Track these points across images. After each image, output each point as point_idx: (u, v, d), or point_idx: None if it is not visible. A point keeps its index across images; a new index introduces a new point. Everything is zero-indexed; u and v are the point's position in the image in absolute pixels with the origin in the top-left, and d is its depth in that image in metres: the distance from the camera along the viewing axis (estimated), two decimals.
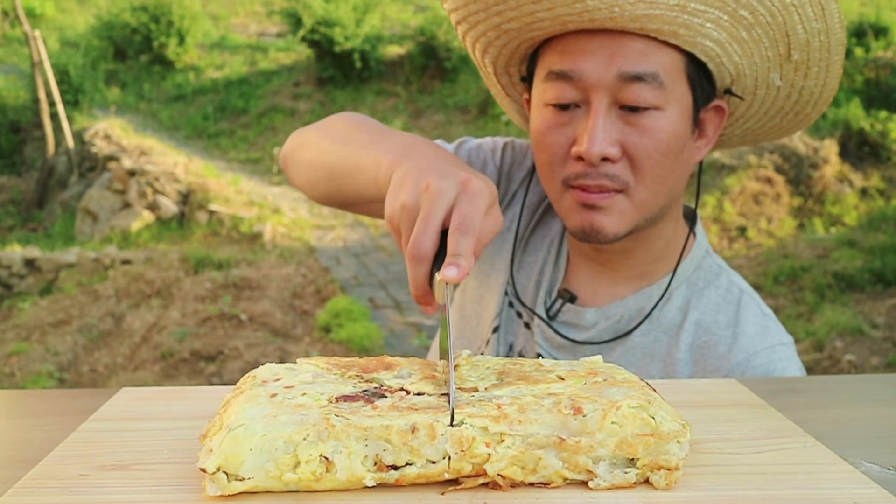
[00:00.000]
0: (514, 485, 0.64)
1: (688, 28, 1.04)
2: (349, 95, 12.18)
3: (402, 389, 0.71)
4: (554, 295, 1.25)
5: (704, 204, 8.92)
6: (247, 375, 0.74)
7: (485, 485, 0.64)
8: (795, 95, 1.18)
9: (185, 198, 9.48)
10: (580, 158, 1.07)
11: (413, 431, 0.62)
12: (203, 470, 0.61)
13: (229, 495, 0.61)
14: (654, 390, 0.72)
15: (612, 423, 0.64)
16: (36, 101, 10.91)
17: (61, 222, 9.78)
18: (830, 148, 9.36)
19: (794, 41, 1.09)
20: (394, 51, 12.78)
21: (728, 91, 1.16)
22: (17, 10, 11.45)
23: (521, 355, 1.26)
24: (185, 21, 13.42)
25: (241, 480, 0.61)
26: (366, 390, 0.70)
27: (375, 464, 0.62)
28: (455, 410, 0.65)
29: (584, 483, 0.64)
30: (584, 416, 0.64)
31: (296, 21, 12.36)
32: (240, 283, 7.27)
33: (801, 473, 0.67)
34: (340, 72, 12.28)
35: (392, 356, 0.80)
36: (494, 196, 0.87)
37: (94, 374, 5.97)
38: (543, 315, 1.24)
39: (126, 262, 7.91)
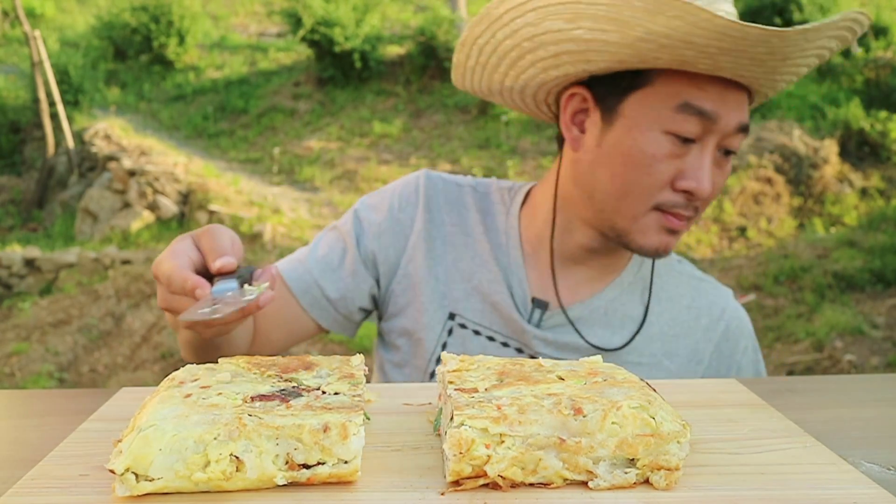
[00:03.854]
0: (515, 485, 0.64)
1: (774, 91, 1.18)
2: (349, 95, 12.17)
3: (318, 389, 0.71)
4: (529, 306, 1.28)
5: None
6: (167, 377, 0.74)
7: (485, 485, 0.64)
8: None
9: (185, 198, 9.48)
10: (685, 191, 1.14)
11: (325, 431, 0.62)
12: (112, 471, 0.61)
13: (140, 496, 0.61)
14: (655, 390, 0.72)
15: (613, 423, 0.64)
16: (36, 101, 10.90)
17: (61, 222, 9.77)
18: (830, 148, 9.36)
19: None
20: (394, 51, 12.77)
21: None
22: (17, 10, 11.45)
23: None
24: (185, 21, 13.40)
25: (150, 481, 0.61)
26: (283, 390, 0.70)
27: (287, 462, 0.62)
28: (454, 411, 0.65)
29: (585, 483, 0.64)
30: (584, 417, 0.64)
31: (296, 21, 12.34)
32: None
33: (801, 473, 0.67)
34: (340, 72, 12.27)
35: (314, 356, 0.80)
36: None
37: (94, 374, 5.96)
38: (531, 328, 1.27)
39: (126, 262, 7.91)
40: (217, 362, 0.78)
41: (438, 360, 1.29)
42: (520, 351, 1.28)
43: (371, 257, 1.33)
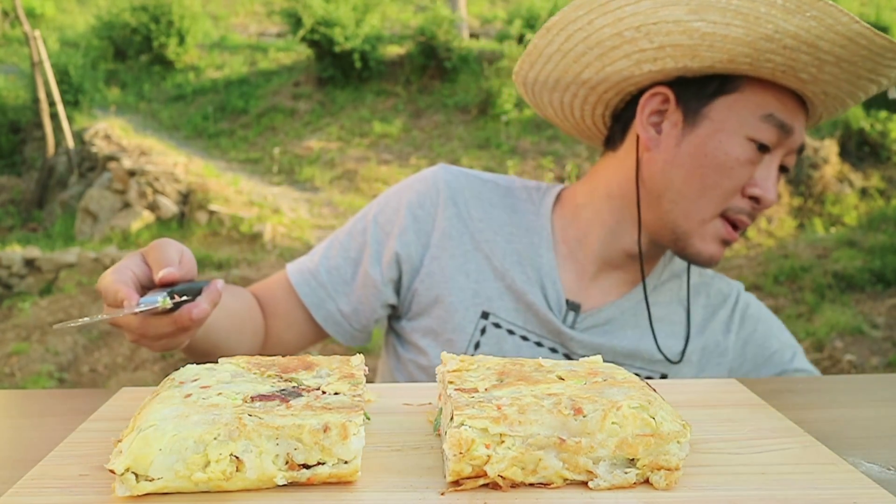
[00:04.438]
0: (515, 485, 0.64)
1: (830, 116, 1.24)
2: (349, 95, 12.17)
3: (318, 389, 0.71)
4: (563, 308, 1.28)
5: None
6: (167, 377, 0.74)
7: (485, 485, 0.64)
8: None
9: (185, 198, 9.47)
10: (753, 198, 1.18)
11: (325, 431, 0.62)
12: (112, 471, 0.61)
13: (140, 496, 0.61)
14: (655, 390, 0.72)
15: (613, 423, 0.64)
16: (36, 101, 10.90)
17: (61, 222, 9.77)
18: (830, 148, 9.36)
19: None
20: (394, 51, 12.77)
21: None
22: (17, 10, 11.44)
23: None
24: (185, 21, 13.41)
25: (150, 481, 0.61)
26: (283, 389, 0.70)
27: (287, 462, 0.62)
28: (454, 411, 0.65)
29: (585, 483, 0.64)
30: (584, 417, 0.64)
31: (296, 21, 12.34)
32: (240, 284, 7.27)
33: (801, 473, 0.67)
34: (340, 72, 12.27)
35: (314, 356, 0.80)
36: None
37: (94, 374, 5.96)
38: (567, 330, 1.26)
39: None
40: (217, 362, 0.78)
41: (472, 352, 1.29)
42: (554, 350, 1.27)
43: (395, 258, 1.29)
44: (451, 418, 0.66)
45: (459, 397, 0.68)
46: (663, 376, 1.28)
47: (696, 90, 1.18)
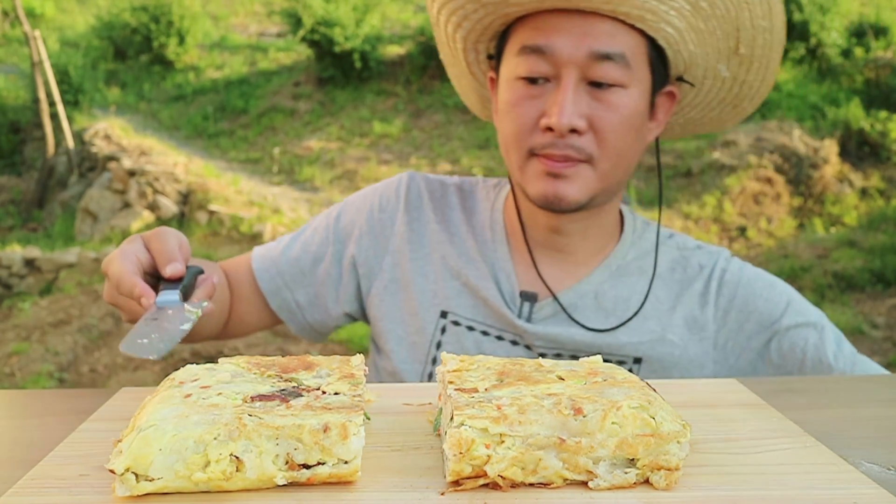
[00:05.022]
0: (515, 485, 0.64)
1: (654, 14, 1.11)
2: (349, 95, 12.17)
3: (318, 389, 0.71)
4: (518, 300, 1.27)
5: (704, 204, 8.91)
6: (167, 377, 0.74)
7: (485, 485, 0.64)
8: (737, 88, 1.27)
9: (185, 198, 9.47)
10: (549, 129, 1.14)
11: (325, 431, 0.62)
12: (112, 471, 0.61)
13: (140, 496, 0.62)
14: (655, 390, 0.73)
15: (613, 423, 0.64)
16: (36, 101, 10.89)
17: (61, 222, 9.76)
18: (830, 148, 9.35)
19: (743, 36, 1.18)
20: (394, 51, 12.76)
21: (680, 78, 1.24)
22: (17, 10, 11.44)
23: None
24: (185, 21, 13.40)
25: (150, 481, 0.61)
26: (283, 389, 0.70)
27: (287, 462, 0.62)
28: (454, 411, 0.65)
29: (585, 483, 0.64)
30: (584, 417, 0.64)
31: (296, 21, 12.34)
32: None
33: (801, 473, 0.67)
34: (340, 72, 12.27)
35: (314, 356, 0.81)
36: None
37: (94, 374, 5.96)
38: (522, 323, 1.25)
39: None
40: (215, 361, 0.79)
41: (434, 361, 1.29)
42: (515, 343, 1.27)
43: (351, 261, 1.34)
44: (451, 418, 0.66)
45: (459, 397, 0.68)
46: (637, 360, 1.24)
47: (499, 49, 1.24)
